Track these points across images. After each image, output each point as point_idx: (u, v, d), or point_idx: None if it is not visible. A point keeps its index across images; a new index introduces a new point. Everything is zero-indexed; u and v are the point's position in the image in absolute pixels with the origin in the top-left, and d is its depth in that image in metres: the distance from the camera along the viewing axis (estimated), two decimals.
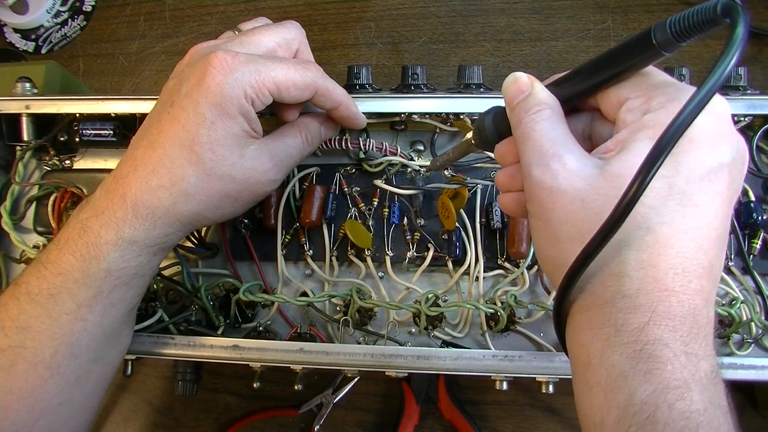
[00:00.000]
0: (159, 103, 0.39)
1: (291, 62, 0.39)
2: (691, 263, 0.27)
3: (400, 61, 0.64)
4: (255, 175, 0.39)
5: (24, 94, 0.50)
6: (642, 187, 0.25)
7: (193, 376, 0.48)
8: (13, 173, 0.51)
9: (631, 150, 0.28)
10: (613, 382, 0.26)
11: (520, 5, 0.65)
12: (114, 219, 0.37)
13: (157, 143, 0.37)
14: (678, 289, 0.27)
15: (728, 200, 0.28)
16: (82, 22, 0.72)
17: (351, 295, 0.45)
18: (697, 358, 0.26)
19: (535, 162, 0.30)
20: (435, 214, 0.46)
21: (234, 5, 0.69)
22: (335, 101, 0.42)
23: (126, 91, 0.69)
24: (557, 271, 0.30)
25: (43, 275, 0.37)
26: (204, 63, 0.36)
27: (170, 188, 0.37)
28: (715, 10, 0.25)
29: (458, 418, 0.54)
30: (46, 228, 0.49)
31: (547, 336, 0.47)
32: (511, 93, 0.33)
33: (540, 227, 0.31)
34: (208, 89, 0.36)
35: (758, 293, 0.45)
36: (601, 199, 0.28)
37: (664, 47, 0.27)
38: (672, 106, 0.28)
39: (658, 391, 0.25)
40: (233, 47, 0.39)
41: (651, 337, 0.26)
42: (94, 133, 0.51)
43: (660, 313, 0.26)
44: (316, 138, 0.44)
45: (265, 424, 0.58)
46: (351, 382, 0.56)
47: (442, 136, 0.49)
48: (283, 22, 0.42)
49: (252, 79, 0.37)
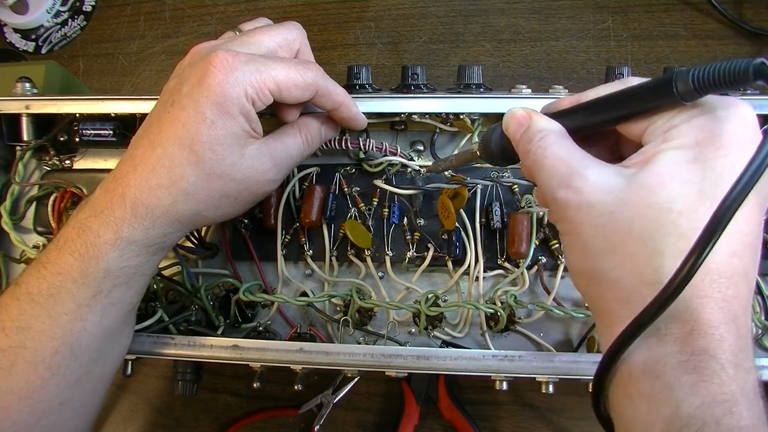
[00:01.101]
0: (159, 103, 0.39)
1: (292, 62, 0.39)
2: (726, 269, 0.27)
3: (400, 61, 0.64)
4: (254, 175, 0.39)
5: (24, 94, 0.50)
6: (696, 266, 0.24)
7: (193, 376, 0.48)
8: (13, 173, 0.51)
9: (658, 161, 0.28)
10: (657, 394, 0.26)
11: (520, 5, 0.65)
12: (113, 218, 0.37)
13: (157, 142, 0.37)
14: (716, 296, 0.26)
15: (758, 206, 0.28)
16: (82, 22, 0.72)
17: (351, 295, 0.45)
18: (744, 370, 0.25)
19: (555, 186, 0.30)
20: (435, 214, 0.46)
21: (234, 5, 0.69)
22: (336, 102, 0.42)
23: (126, 91, 0.69)
24: (591, 285, 0.30)
25: (42, 275, 0.37)
26: (205, 62, 0.36)
27: (169, 187, 0.37)
28: (747, 72, 0.24)
29: (458, 418, 0.54)
30: (46, 228, 0.49)
31: (547, 336, 0.47)
32: (512, 129, 0.34)
33: (571, 243, 0.31)
34: (208, 88, 0.36)
35: (758, 293, 0.45)
36: (630, 210, 0.28)
37: (685, 97, 0.27)
38: (696, 120, 0.28)
39: (706, 405, 0.24)
40: (234, 47, 0.39)
41: (696, 348, 0.26)
42: (94, 133, 0.51)
43: (703, 322, 0.26)
44: (317, 138, 0.44)
45: (265, 424, 0.58)
46: (351, 382, 0.56)
47: (442, 136, 0.49)
48: (284, 23, 0.42)
49: (253, 78, 0.37)
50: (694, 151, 0.27)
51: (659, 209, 0.27)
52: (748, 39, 0.61)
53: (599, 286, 0.30)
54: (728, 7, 0.62)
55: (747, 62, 0.24)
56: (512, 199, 0.47)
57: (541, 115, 0.33)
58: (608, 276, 0.29)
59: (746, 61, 0.25)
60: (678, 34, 0.62)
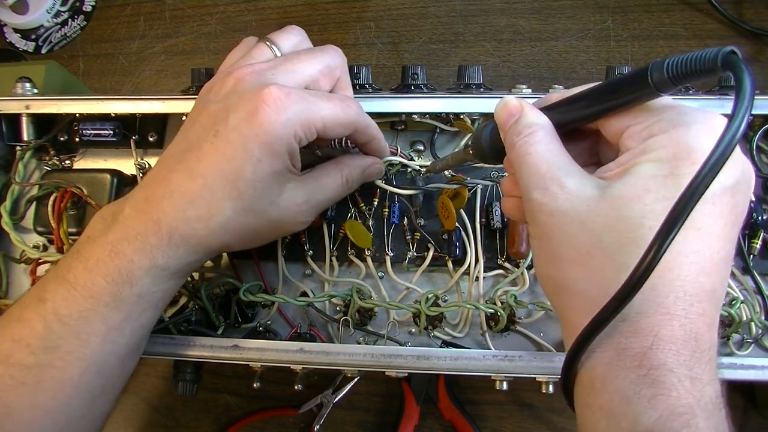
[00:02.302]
0: (198, 127, 0.38)
1: (335, 99, 0.38)
2: (692, 286, 0.26)
3: (400, 61, 0.64)
4: (288, 215, 0.39)
5: (24, 94, 0.50)
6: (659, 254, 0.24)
7: (193, 376, 0.48)
8: (13, 173, 0.50)
9: (633, 173, 0.28)
10: (617, 407, 0.26)
11: (520, 5, 0.65)
12: (148, 245, 0.36)
13: (197, 173, 0.36)
14: (680, 313, 0.26)
15: (731, 224, 0.28)
16: (82, 22, 0.72)
17: (351, 295, 0.45)
18: (702, 383, 0.26)
19: (533, 185, 0.30)
20: (435, 214, 0.46)
21: (234, 5, 0.69)
22: (370, 136, 0.42)
23: (126, 91, 0.69)
24: (557, 293, 0.30)
25: (72, 297, 0.36)
26: (257, 99, 0.35)
27: (207, 220, 0.37)
28: (715, 61, 0.24)
29: (458, 418, 0.54)
30: (46, 228, 0.49)
31: (547, 336, 0.47)
32: (502, 118, 0.33)
33: (540, 247, 0.31)
34: (260, 127, 0.35)
35: (758, 293, 0.45)
36: (601, 221, 0.28)
37: (660, 88, 0.27)
38: (675, 131, 0.27)
39: (664, 418, 0.25)
40: (280, 77, 0.37)
41: (655, 362, 0.26)
42: (94, 133, 0.51)
43: (662, 338, 0.26)
44: (356, 183, 0.43)
45: (265, 424, 0.58)
46: (351, 382, 0.56)
47: (442, 136, 0.49)
48: (324, 48, 0.41)
49: (302, 117, 0.36)
50: (670, 165, 0.27)
51: (631, 223, 0.27)
52: (748, 39, 0.61)
53: (564, 296, 0.30)
54: (728, 7, 0.62)
55: (716, 51, 0.24)
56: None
57: (533, 109, 0.33)
58: (574, 286, 0.29)
59: (716, 51, 0.24)
60: (678, 34, 0.62)
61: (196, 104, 0.40)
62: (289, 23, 0.44)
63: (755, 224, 0.44)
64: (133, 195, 0.38)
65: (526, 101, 0.33)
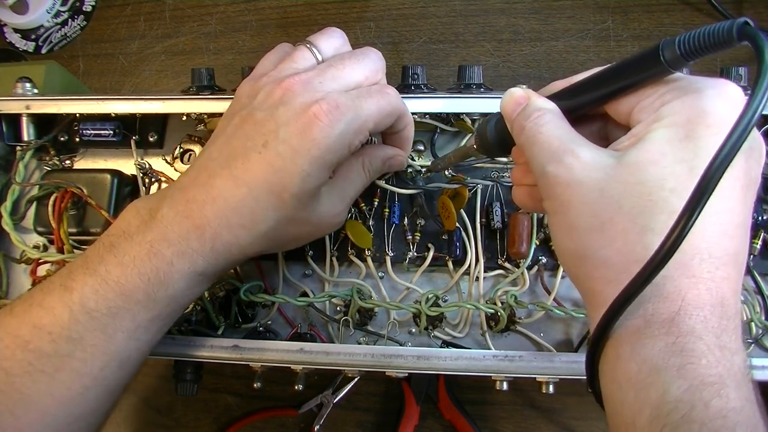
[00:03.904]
0: (243, 134, 0.37)
1: (375, 93, 0.38)
2: (716, 249, 0.26)
3: (400, 61, 0.64)
4: (326, 218, 0.39)
5: (24, 94, 0.50)
6: (695, 215, 0.24)
7: (193, 376, 0.48)
8: (13, 173, 0.50)
9: (648, 139, 0.28)
10: (645, 378, 0.25)
11: (520, 5, 0.65)
12: (189, 250, 0.36)
13: (242, 180, 0.36)
14: (705, 276, 0.26)
15: (746, 188, 0.28)
16: (82, 22, 0.72)
17: (351, 295, 0.45)
18: (730, 352, 0.25)
19: (546, 160, 0.30)
20: (435, 214, 0.46)
21: (234, 5, 0.69)
22: (407, 121, 0.41)
23: (126, 91, 0.69)
24: (579, 265, 0.30)
25: (103, 291, 0.35)
26: (309, 115, 0.35)
27: (250, 229, 0.36)
28: (731, 33, 0.24)
29: (458, 418, 0.54)
30: (47, 228, 0.49)
31: (547, 336, 0.47)
32: (509, 108, 0.33)
33: (558, 222, 0.30)
34: (312, 142, 0.35)
35: (758, 293, 0.45)
36: (620, 187, 0.27)
37: (673, 65, 0.27)
38: (688, 97, 0.28)
39: (693, 388, 0.24)
40: (327, 85, 0.37)
41: (683, 329, 0.25)
42: (94, 133, 0.51)
43: (690, 302, 0.26)
44: (377, 174, 0.43)
45: (265, 424, 0.58)
46: (351, 382, 0.56)
47: (442, 136, 0.49)
48: (366, 52, 0.40)
49: (355, 126, 0.36)
50: (685, 129, 0.27)
51: (650, 186, 0.27)
52: None
53: (587, 266, 0.29)
54: (728, 7, 0.62)
55: (731, 23, 0.24)
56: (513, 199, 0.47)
57: (540, 96, 0.33)
58: (596, 255, 0.28)
59: (730, 22, 0.24)
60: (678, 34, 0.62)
61: (236, 109, 0.39)
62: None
63: (755, 224, 0.44)
64: (171, 195, 0.37)
65: (530, 90, 0.33)
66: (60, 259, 0.47)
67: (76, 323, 0.35)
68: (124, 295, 0.35)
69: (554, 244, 0.32)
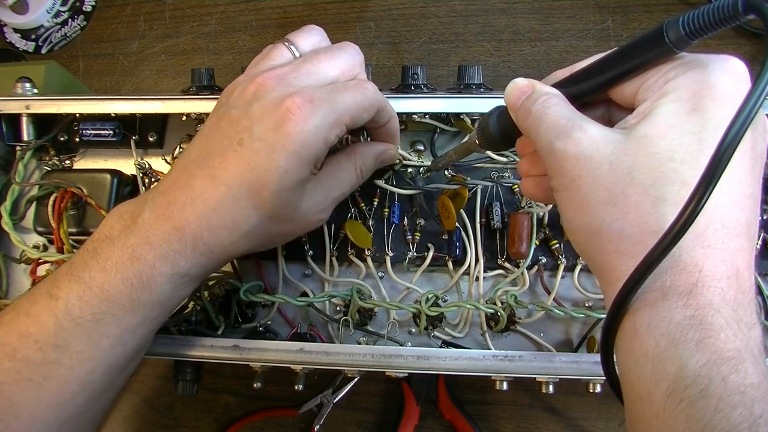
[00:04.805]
0: (220, 133, 0.37)
1: (352, 86, 0.38)
2: (729, 219, 0.26)
3: (400, 61, 0.64)
4: (310, 215, 0.39)
5: (24, 94, 0.50)
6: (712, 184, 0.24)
7: (193, 376, 0.48)
8: (13, 173, 0.50)
9: (655, 114, 0.28)
10: (663, 352, 0.25)
11: (520, 5, 0.65)
12: (171, 252, 0.36)
13: (221, 180, 0.36)
14: (720, 247, 0.26)
15: (753, 160, 0.28)
16: (82, 22, 0.72)
17: (351, 295, 0.45)
18: (747, 326, 0.25)
19: (554, 137, 0.30)
20: (435, 214, 0.46)
21: (234, 5, 0.69)
22: (389, 114, 0.41)
23: (126, 91, 0.69)
24: (591, 240, 0.29)
25: (87, 297, 0.35)
26: (283, 109, 0.35)
27: (231, 228, 0.36)
28: (736, 7, 0.24)
29: (458, 418, 0.54)
30: (46, 228, 0.49)
31: (547, 336, 0.47)
32: (513, 97, 0.33)
33: (568, 198, 0.30)
34: (287, 137, 0.34)
35: (758, 293, 0.45)
36: (630, 160, 0.27)
37: (677, 45, 0.27)
38: (692, 72, 0.28)
39: (711, 362, 0.24)
40: (302, 81, 0.36)
41: (701, 301, 0.25)
42: (94, 133, 0.51)
43: (707, 273, 0.25)
44: (370, 172, 0.43)
45: (265, 424, 0.58)
46: (351, 382, 0.56)
47: (442, 136, 0.49)
48: (342, 46, 0.40)
49: (330, 120, 0.36)
50: (692, 102, 0.27)
51: (661, 158, 0.27)
52: (748, 39, 0.61)
53: (600, 241, 0.29)
54: None
55: None
56: (512, 199, 0.47)
57: (543, 84, 0.33)
58: (609, 228, 0.28)
59: None
60: None
61: (217, 109, 0.39)
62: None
63: None
64: (152, 198, 0.37)
65: (534, 80, 0.33)
66: (60, 259, 0.47)
67: (62, 330, 0.35)
68: (108, 300, 0.35)
69: (564, 222, 0.31)
